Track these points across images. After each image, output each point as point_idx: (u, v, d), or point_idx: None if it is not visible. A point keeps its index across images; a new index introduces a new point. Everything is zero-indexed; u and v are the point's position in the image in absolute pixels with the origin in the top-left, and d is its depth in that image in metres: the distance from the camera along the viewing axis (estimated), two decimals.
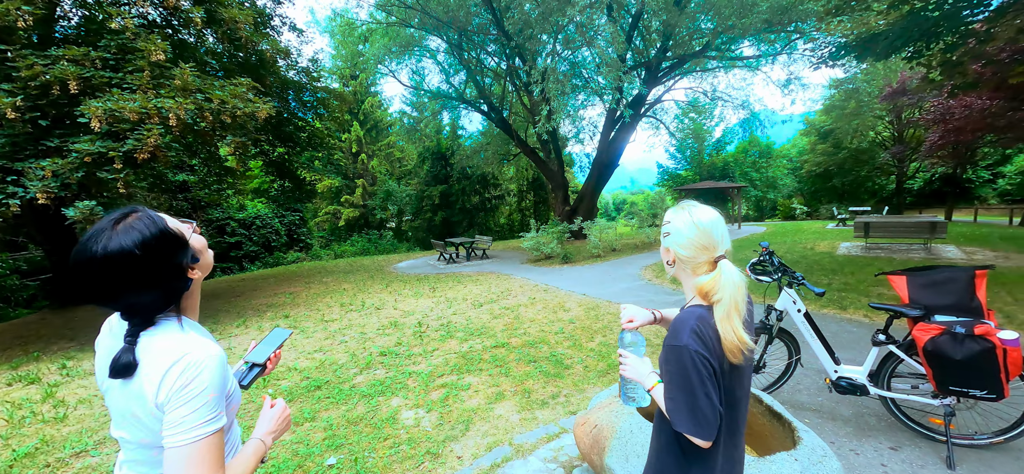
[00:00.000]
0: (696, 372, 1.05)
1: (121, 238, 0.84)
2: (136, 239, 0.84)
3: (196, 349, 0.90)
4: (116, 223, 0.86)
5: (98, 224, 0.87)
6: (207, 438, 0.86)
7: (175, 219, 0.98)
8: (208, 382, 0.88)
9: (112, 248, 0.82)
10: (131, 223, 0.86)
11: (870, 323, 5.30)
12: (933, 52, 8.15)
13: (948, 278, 2.67)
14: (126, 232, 0.85)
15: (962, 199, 25.71)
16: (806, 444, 1.86)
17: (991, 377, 2.34)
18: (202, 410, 0.86)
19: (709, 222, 1.19)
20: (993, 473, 2.44)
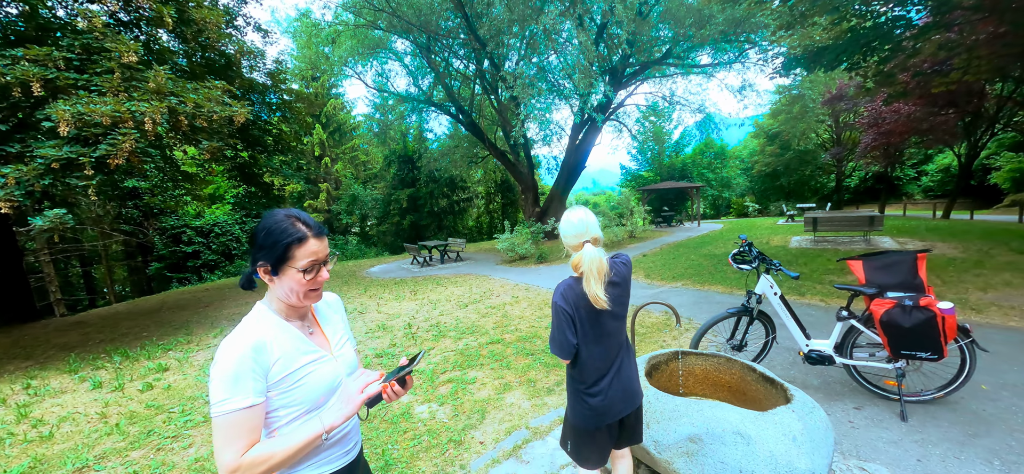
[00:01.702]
0: (557, 318, 1.73)
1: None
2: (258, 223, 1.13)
3: (233, 332, 1.06)
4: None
5: None
6: (222, 417, 0.97)
7: (302, 228, 1.10)
8: (223, 364, 0.99)
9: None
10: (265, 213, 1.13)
11: (826, 306, 5.91)
12: (869, 64, 9.11)
13: (896, 261, 3.16)
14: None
15: (892, 195, 28.26)
16: (798, 400, 2.21)
17: (933, 341, 2.81)
18: (217, 389, 0.98)
19: (577, 219, 1.76)
20: (937, 422, 2.91)
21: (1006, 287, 5.99)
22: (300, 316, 1.20)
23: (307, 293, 1.13)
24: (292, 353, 1.10)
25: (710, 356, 2.90)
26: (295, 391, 1.09)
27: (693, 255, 11.69)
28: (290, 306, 1.16)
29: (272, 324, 1.11)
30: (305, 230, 1.10)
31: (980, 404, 3.09)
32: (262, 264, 1.09)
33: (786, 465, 1.90)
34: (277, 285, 1.11)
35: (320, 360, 1.16)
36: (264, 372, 1.04)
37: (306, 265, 1.09)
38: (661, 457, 2.22)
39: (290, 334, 1.13)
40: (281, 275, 1.09)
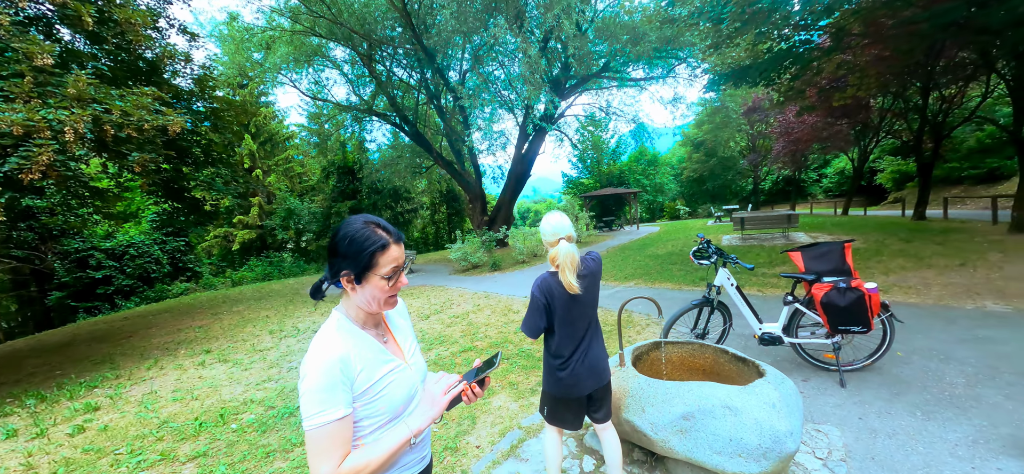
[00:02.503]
0: (532, 305, 2.08)
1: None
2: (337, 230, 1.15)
3: (317, 345, 1.06)
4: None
5: None
6: (318, 429, 0.99)
7: (384, 235, 1.13)
8: (314, 377, 1.01)
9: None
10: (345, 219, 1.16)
11: (762, 296, 6.58)
12: (782, 81, 10.30)
13: (828, 250, 3.66)
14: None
15: (800, 196, 31.72)
16: (770, 373, 2.52)
17: (863, 316, 3.30)
18: (310, 403, 1.00)
19: (554, 220, 2.06)
20: (868, 386, 3.41)
21: (902, 270, 7.04)
22: (375, 324, 1.22)
23: (387, 300, 1.16)
24: (373, 364, 1.12)
25: (686, 343, 3.19)
26: (378, 401, 1.12)
27: (638, 256, 12.41)
28: (368, 314, 1.17)
29: (352, 335, 1.13)
30: (387, 236, 1.12)
31: (899, 368, 3.66)
32: (346, 273, 1.10)
33: (770, 428, 2.18)
34: (359, 293, 1.13)
35: (398, 369, 1.18)
36: (350, 383, 1.06)
37: (389, 272, 1.12)
38: (658, 438, 2.43)
39: (369, 345, 1.14)
40: (364, 283, 1.11)
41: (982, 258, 7.17)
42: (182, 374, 6.05)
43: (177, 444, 3.84)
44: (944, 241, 9.03)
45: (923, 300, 5.55)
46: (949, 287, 5.88)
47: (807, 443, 2.77)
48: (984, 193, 18.25)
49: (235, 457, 3.44)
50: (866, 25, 8.10)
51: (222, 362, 6.40)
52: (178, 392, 5.27)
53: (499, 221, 19.51)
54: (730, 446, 2.22)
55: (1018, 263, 6.63)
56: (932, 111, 13.47)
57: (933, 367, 3.63)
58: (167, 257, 18.68)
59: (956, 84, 12.83)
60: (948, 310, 5.06)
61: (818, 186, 33.14)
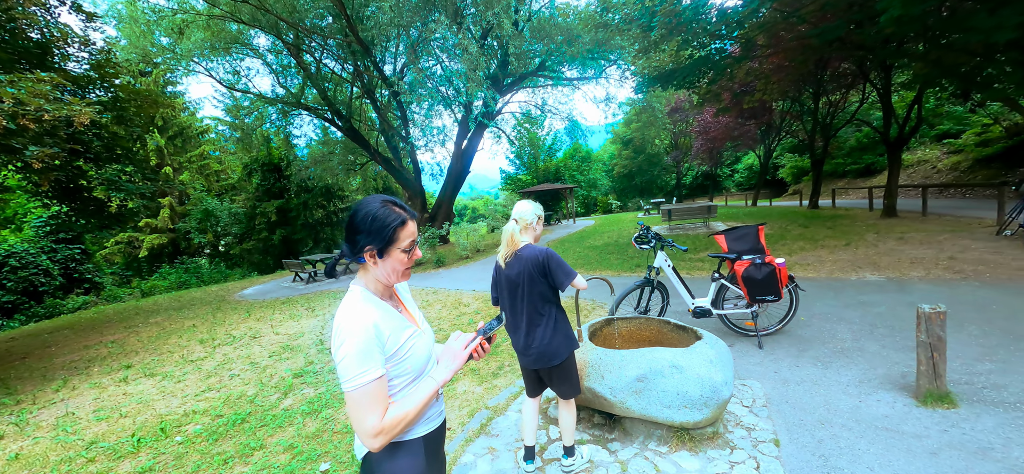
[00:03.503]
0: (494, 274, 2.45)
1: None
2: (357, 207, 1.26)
3: (348, 315, 1.16)
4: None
5: None
6: (360, 389, 1.09)
7: (401, 212, 1.24)
8: (353, 342, 1.11)
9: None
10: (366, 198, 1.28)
11: (690, 276, 7.29)
12: (701, 85, 11.37)
13: (745, 232, 4.23)
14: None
15: (716, 189, 34.84)
16: (706, 336, 2.93)
17: (775, 287, 3.88)
18: (351, 365, 1.10)
19: (515, 206, 2.43)
20: (780, 346, 4.02)
21: (801, 251, 8.16)
22: (390, 296, 1.34)
23: (405, 271, 1.29)
24: (397, 329, 1.24)
25: (634, 318, 3.56)
26: (405, 362, 1.25)
27: (578, 248, 13.03)
28: (385, 286, 1.29)
29: (376, 305, 1.24)
30: (404, 214, 1.24)
31: (802, 330, 4.34)
32: (370, 249, 1.21)
33: (709, 380, 2.56)
34: (380, 267, 1.24)
35: (417, 334, 1.31)
36: (383, 346, 1.18)
37: (408, 245, 1.25)
38: (616, 400, 2.75)
39: (389, 313, 1.26)
40: (386, 257, 1.23)
41: (862, 238, 8.50)
42: (102, 393, 5.49)
43: (114, 463, 3.56)
44: (833, 226, 10.52)
45: (818, 274, 6.51)
46: (838, 263, 6.95)
47: (736, 395, 3.25)
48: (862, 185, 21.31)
49: (188, 468, 3.28)
50: (769, 37, 9.22)
51: (148, 376, 5.89)
52: (101, 411, 4.81)
53: (440, 218, 19.41)
54: (677, 400, 2.58)
55: (888, 241, 7.97)
56: (822, 114, 15.53)
57: (828, 327, 4.35)
58: (59, 268, 16.37)
59: (840, 91, 14.91)
60: (837, 282, 6.00)
61: (731, 180, 36.55)
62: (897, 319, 4.38)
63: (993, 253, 6.30)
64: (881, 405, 2.93)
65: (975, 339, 3.75)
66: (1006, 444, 2.42)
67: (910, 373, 3.26)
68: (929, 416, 2.75)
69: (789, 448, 2.61)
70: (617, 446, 2.79)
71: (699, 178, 37.42)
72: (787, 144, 25.68)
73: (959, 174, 17.13)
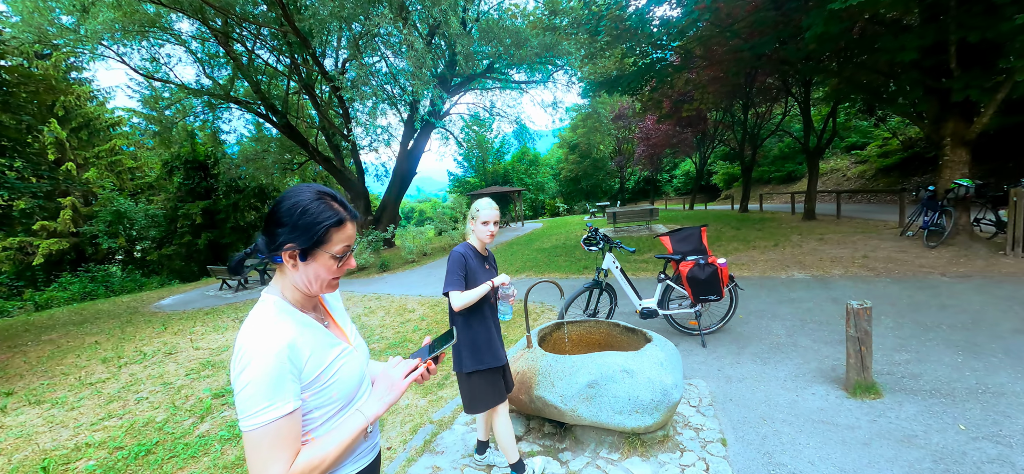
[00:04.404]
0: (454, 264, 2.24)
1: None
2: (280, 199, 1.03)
3: (255, 331, 0.93)
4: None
5: None
6: (264, 428, 0.87)
7: (340, 210, 1.02)
8: (259, 368, 0.88)
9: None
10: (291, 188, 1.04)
11: (637, 278, 7.44)
12: (644, 92, 11.77)
13: (689, 233, 4.32)
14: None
15: (657, 193, 36.51)
16: (656, 338, 2.90)
17: (717, 286, 3.97)
18: (253, 398, 0.87)
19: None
20: (722, 344, 4.13)
21: (736, 251, 8.61)
22: (313, 307, 1.10)
23: (332, 281, 1.05)
24: (321, 349, 1.01)
25: (583, 322, 3.48)
26: (330, 389, 1.01)
27: (527, 250, 13.02)
28: (307, 296, 1.06)
29: (294, 318, 1.00)
30: (343, 212, 1.02)
31: (741, 327, 4.50)
32: (291, 247, 0.97)
33: (659, 383, 2.51)
34: (301, 272, 1.01)
35: (346, 353, 1.08)
36: (299, 373, 0.95)
37: (340, 251, 1.02)
38: (567, 408, 2.63)
39: (311, 329, 1.03)
40: (310, 260, 0.99)
41: (788, 239, 9.14)
42: None
43: None
44: (762, 228, 11.26)
45: (752, 273, 6.87)
46: (769, 262, 7.38)
47: (683, 396, 3.25)
48: (785, 191, 23.19)
49: None
50: (705, 49, 9.72)
51: (34, 404, 5.05)
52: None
53: (385, 220, 18.71)
54: (629, 405, 2.50)
55: (811, 242, 8.61)
56: (750, 125, 16.69)
57: (764, 324, 4.54)
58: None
59: (766, 104, 16.09)
60: (769, 280, 6.36)
61: (670, 185, 38.48)
62: (824, 314, 4.66)
63: (898, 252, 6.96)
64: (816, 398, 3.05)
65: (891, 331, 4.04)
66: (927, 431, 2.57)
67: (839, 366, 3.43)
68: (859, 407, 2.88)
69: (736, 447, 2.62)
70: (568, 456, 2.68)
71: (641, 183, 39.05)
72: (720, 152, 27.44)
73: (865, 181, 19.09)
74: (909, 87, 7.45)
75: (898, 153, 17.89)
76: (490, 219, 2.32)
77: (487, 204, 2.34)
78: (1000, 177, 10.93)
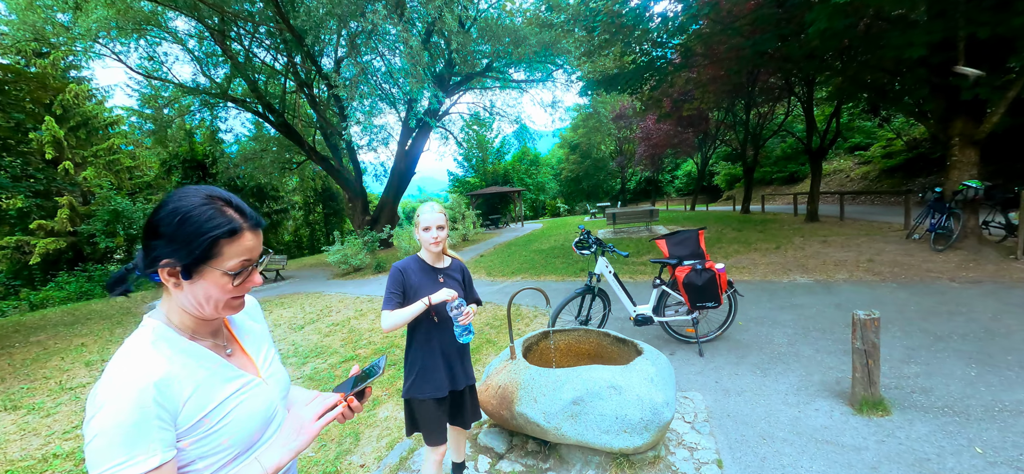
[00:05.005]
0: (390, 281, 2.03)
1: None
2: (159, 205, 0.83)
3: (116, 367, 0.75)
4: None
5: None
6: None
7: (235, 217, 0.83)
8: (112, 415, 0.71)
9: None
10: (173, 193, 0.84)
11: (633, 282, 7.24)
12: (644, 91, 11.56)
13: (686, 237, 4.12)
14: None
15: (658, 194, 36.25)
16: (647, 351, 2.70)
17: (715, 293, 3.77)
18: (106, 451, 0.70)
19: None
20: (720, 353, 3.93)
21: (737, 254, 8.40)
22: (212, 332, 0.91)
23: (230, 302, 0.86)
24: (209, 384, 0.83)
25: (572, 331, 3.29)
26: (220, 433, 0.83)
27: (524, 252, 12.82)
28: (200, 320, 0.87)
29: (176, 348, 0.82)
30: (239, 219, 0.83)
31: (740, 335, 4.30)
32: (169, 264, 0.79)
33: (649, 401, 2.31)
34: (186, 292, 0.82)
35: (249, 387, 0.90)
36: (173, 417, 0.77)
37: (237, 265, 0.83)
38: (550, 426, 2.43)
39: (202, 359, 0.85)
40: (197, 279, 0.81)
41: (790, 242, 8.92)
42: None
43: None
44: (764, 229, 11.03)
45: (753, 277, 6.66)
46: (770, 266, 7.17)
47: (678, 410, 3.06)
48: (787, 191, 22.93)
49: None
50: (706, 47, 9.50)
51: (10, 410, 4.89)
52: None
53: (383, 220, 18.55)
54: (616, 424, 2.31)
55: (814, 244, 8.39)
56: (752, 125, 16.45)
57: (764, 332, 4.34)
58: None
59: (768, 104, 15.85)
60: (771, 284, 6.15)
61: (672, 186, 38.22)
62: (827, 321, 4.46)
63: (904, 255, 6.74)
64: (820, 415, 2.84)
65: (898, 341, 3.84)
66: (940, 454, 2.36)
67: (844, 378, 3.23)
68: (866, 425, 2.68)
69: (733, 470, 2.42)
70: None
71: (642, 183, 38.80)
72: (722, 152, 27.18)
73: (868, 182, 18.82)
74: (916, 85, 7.22)
75: (902, 154, 17.62)
76: (432, 224, 2.03)
77: (428, 209, 2.06)
78: (1010, 178, 10.69)
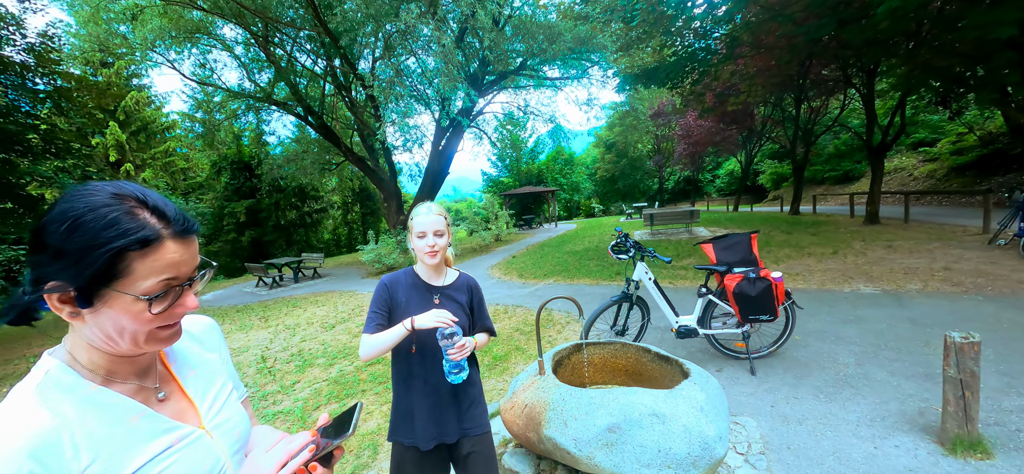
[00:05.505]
0: (373, 299, 1.67)
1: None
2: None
3: None
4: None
5: None
6: None
7: (150, 222, 0.62)
8: None
9: None
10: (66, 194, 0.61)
11: (673, 287, 6.80)
12: (685, 85, 10.98)
13: (736, 241, 3.72)
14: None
15: (698, 194, 34.86)
16: (695, 373, 2.38)
17: (771, 305, 3.37)
18: None
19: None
20: (775, 372, 3.51)
21: (788, 259, 7.76)
22: (138, 371, 0.71)
23: (153, 334, 0.66)
24: (122, 446, 0.63)
25: (608, 343, 2.99)
26: None
27: (557, 253, 12.51)
28: (117, 358, 0.67)
29: (75, 398, 0.62)
30: (155, 224, 0.62)
31: (798, 351, 3.85)
32: (58, 287, 0.59)
33: (698, 435, 2.00)
34: (90, 324, 0.62)
35: (183, 443, 0.69)
36: None
37: (154, 287, 0.62)
38: (582, 455, 2.16)
39: (114, 411, 0.65)
40: (99, 306, 0.61)
41: (849, 246, 8.17)
42: None
43: None
44: (817, 232, 10.22)
45: (808, 285, 6.09)
46: (828, 273, 6.54)
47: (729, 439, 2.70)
48: (840, 191, 21.39)
49: None
50: (754, 36, 8.87)
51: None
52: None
53: None
54: (659, 458, 2.01)
55: (877, 249, 7.63)
56: (803, 120, 15.39)
57: (826, 349, 3.86)
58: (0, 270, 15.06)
59: (820, 98, 14.77)
60: (829, 294, 5.57)
61: (712, 186, 36.68)
62: (901, 339, 3.93)
63: (989, 264, 5.96)
64: (902, 453, 2.42)
65: (993, 365, 3.29)
66: None
67: (929, 410, 2.77)
68: (962, 470, 2.25)
69: None
70: None
71: (681, 183, 37.47)
72: (768, 150, 25.74)
73: (935, 182, 17.21)
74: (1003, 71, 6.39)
75: (975, 149, 15.97)
76: (427, 229, 1.54)
77: (424, 210, 1.58)
78: None
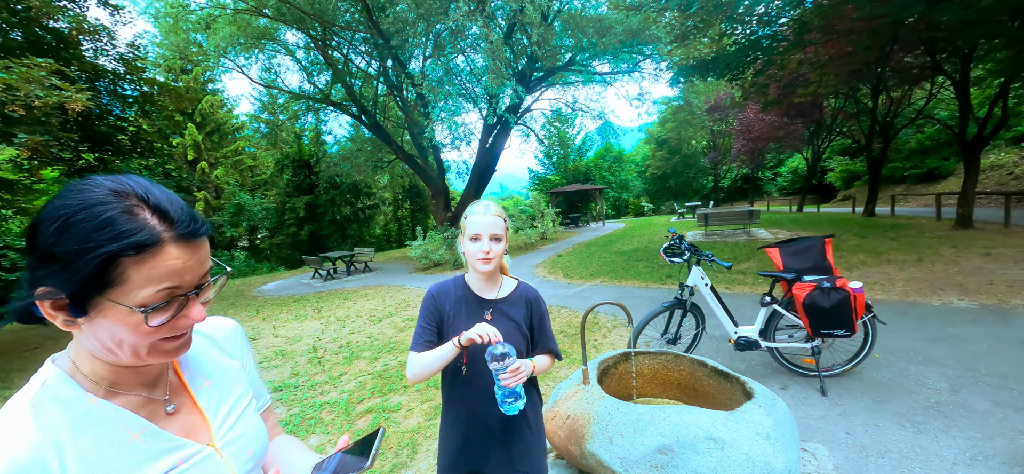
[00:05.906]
0: (421, 313, 1.46)
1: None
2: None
3: None
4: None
5: None
6: None
7: (150, 222, 0.55)
8: None
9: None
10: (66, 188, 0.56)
11: (731, 293, 6.36)
12: (746, 76, 10.27)
13: (807, 246, 3.37)
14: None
15: (757, 193, 32.82)
16: (759, 393, 2.14)
17: (847, 319, 3.01)
18: None
19: None
20: (851, 393, 3.14)
21: (863, 266, 7.04)
22: (145, 382, 0.66)
23: (156, 346, 0.60)
24: (115, 467, 0.58)
25: (659, 354, 2.79)
26: None
27: (604, 253, 12.17)
28: (121, 368, 0.62)
29: (70, 412, 0.58)
30: (156, 226, 0.56)
31: (878, 371, 3.43)
32: (49, 293, 0.54)
33: (763, 464, 1.78)
34: (87, 334, 0.58)
35: (188, 464, 0.64)
36: None
37: (153, 297, 0.56)
38: None
39: (111, 428, 0.60)
40: (94, 316, 0.56)
41: (937, 253, 7.28)
42: None
43: None
44: (896, 236, 9.23)
45: (889, 296, 5.47)
46: (912, 282, 5.85)
47: None
48: (924, 191, 19.29)
49: None
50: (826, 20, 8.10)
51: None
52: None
53: None
54: None
55: (972, 258, 6.75)
56: (881, 113, 13.97)
57: (913, 370, 3.42)
58: None
59: (902, 87, 13.33)
60: (915, 306, 4.96)
61: (773, 184, 34.39)
62: (1006, 363, 3.39)
63: None
64: None
65: None
66: None
67: None
68: None
69: None
70: None
71: (738, 181, 35.45)
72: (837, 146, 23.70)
73: None
74: None
75: None
76: (482, 232, 1.32)
77: (480, 210, 1.37)
78: None
